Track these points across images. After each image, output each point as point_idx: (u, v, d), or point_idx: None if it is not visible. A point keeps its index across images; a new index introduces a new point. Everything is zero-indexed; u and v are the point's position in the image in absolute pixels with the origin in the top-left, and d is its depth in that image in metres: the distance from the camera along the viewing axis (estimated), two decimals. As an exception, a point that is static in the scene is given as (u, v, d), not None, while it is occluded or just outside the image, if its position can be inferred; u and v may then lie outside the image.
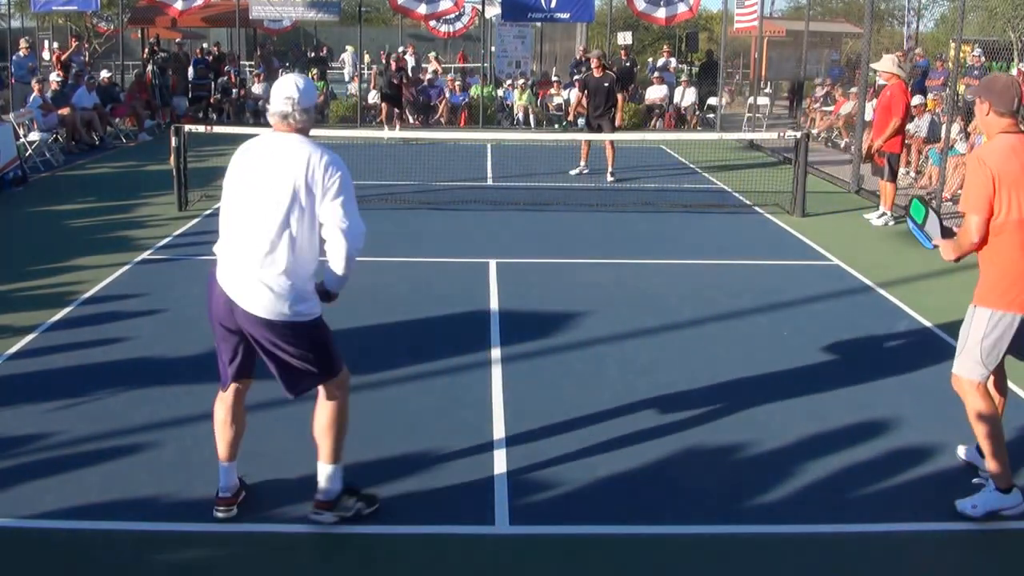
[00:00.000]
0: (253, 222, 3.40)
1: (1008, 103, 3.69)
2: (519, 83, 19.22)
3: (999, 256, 3.68)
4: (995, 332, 3.71)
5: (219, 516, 3.65)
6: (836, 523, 3.72)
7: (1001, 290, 3.69)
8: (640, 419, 4.65)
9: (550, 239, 8.66)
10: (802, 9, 21.87)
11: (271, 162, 3.41)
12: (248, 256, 3.40)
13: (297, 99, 3.42)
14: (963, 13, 10.98)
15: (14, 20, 23.76)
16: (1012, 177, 3.59)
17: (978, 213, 3.64)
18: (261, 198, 3.38)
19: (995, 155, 3.63)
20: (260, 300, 3.39)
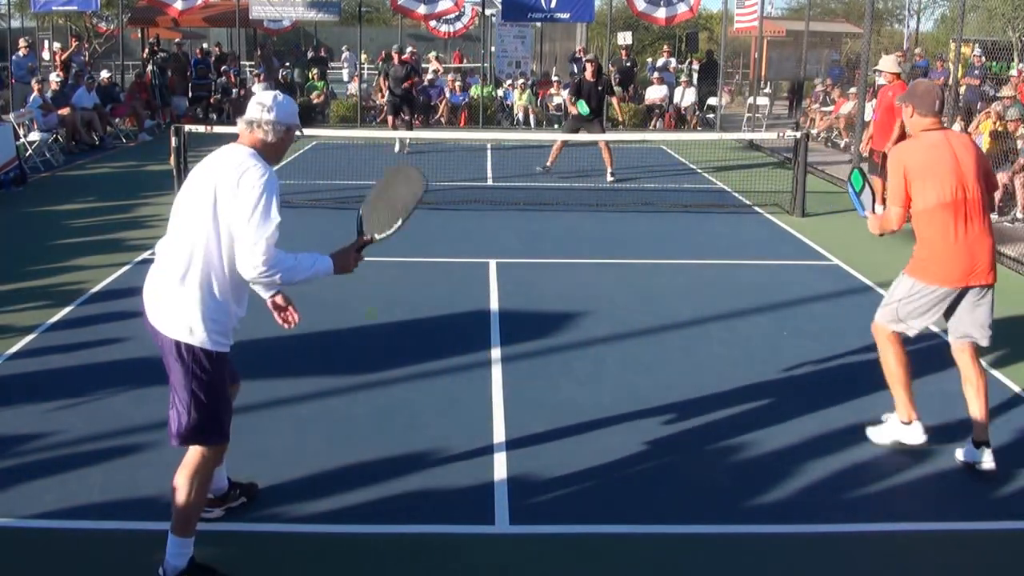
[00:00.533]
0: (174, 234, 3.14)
1: (929, 106, 4.21)
2: (519, 83, 19.22)
3: (923, 237, 4.24)
4: (913, 296, 4.28)
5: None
6: (836, 523, 3.72)
7: (919, 264, 4.28)
8: (640, 419, 4.65)
9: (550, 239, 8.66)
10: (802, 9, 21.88)
11: (206, 170, 3.15)
12: (166, 270, 3.13)
13: (270, 107, 3.18)
14: (963, 13, 10.98)
15: (14, 20, 23.75)
16: (925, 170, 4.11)
17: (896, 204, 4.22)
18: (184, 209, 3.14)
19: (910, 152, 4.20)
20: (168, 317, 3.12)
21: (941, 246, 4.17)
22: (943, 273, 4.19)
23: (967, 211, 4.13)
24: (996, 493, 3.99)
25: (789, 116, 19.52)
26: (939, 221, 4.14)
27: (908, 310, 4.31)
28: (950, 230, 4.13)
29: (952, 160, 4.13)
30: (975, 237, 4.15)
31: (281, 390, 4.93)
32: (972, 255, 4.16)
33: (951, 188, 4.09)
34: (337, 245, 3.50)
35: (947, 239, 4.14)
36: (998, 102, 11.17)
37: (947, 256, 4.17)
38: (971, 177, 4.13)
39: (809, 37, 16.42)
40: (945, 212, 4.12)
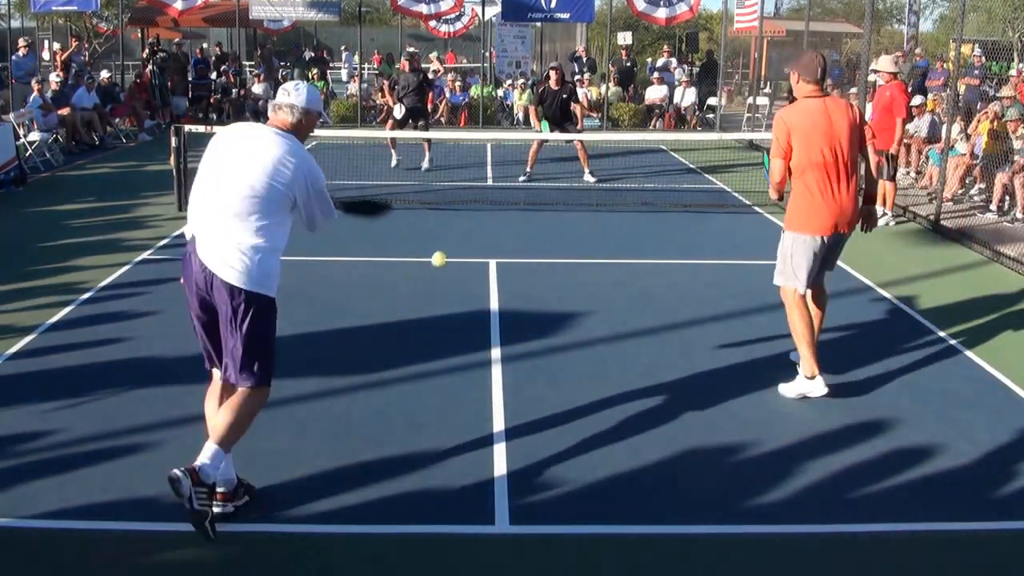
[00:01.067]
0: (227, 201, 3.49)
1: (812, 73, 4.75)
2: (519, 83, 19.23)
3: (798, 191, 4.77)
4: (797, 249, 4.80)
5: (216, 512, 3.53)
6: (836, 523, 3.72)
7: (799, 218, 4.80)
8: (640, 419, 4.66)
9: (550, 239, 8.66)
10: (802, 9, 21.88)
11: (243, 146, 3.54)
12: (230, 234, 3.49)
13: (293, 92, 3.62)
14: (963, 13, 10.97)
15: (14, 20, 23.75)
16: (804, 130, 4.68)
17: (778, 157, 4.76)
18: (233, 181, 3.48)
19: (793, 113, 4.75)
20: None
21: (814, 199, 4.74)
22: (818, 223, 4.76)
23: (838, 168, 4.71)
24: (996, 493, 3.99)
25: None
26: (813, 176, 4.71)
27: (798, 262, 4.82)
28: (823, 184, 4.71)
29: (827, 123, 4.69)
30: (844, 191, 4.74)
31: (281, 390, 4.92)
32: (841, 206, 4.74)
33: (824, 147, 4.67)
34: (335, 245, 3.48)
35: (820, 192, 4.72)
36: (996, 102, 11.18)
37: (820, 207, 4.74)
38: (843, 139, 4.70)
39: (809, 37, 16.41)
40: (818, 168, 4.69)
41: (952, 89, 10.11)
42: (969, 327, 6.15)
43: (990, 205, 9.99)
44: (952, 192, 10.57)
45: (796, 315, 4.84)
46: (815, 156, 4.68)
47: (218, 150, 3.58)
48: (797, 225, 4.81)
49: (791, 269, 4.85)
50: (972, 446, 4.39)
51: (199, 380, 5.00)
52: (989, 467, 4.21)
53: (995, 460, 4.27)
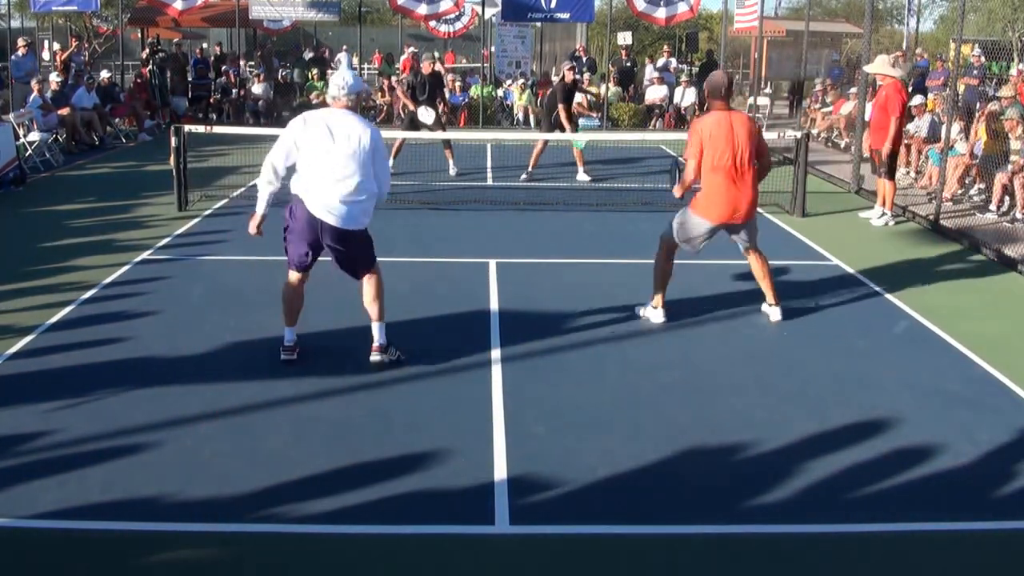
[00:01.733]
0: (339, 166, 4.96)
1: (716, 92, 5.88)
2: (519, 83, 19.23)
3: (705, 185, 5.87)
4: (690, 225, 5.96)
5: (283, 359, 5.26)
6: (836, 523, 3.72)
7: (702, 205, 5.89)
8: (640, 419, 4.66)
9: (550, 239, 8.66)
10: (802, 9, 21.88)
11: (338, 125, 4.97)
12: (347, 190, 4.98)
13: (343, 86, 4.99)
14: (963, 13, 10.97)
15: (14, 20, 23.76)
16: (712, 138, 5.73)
17: (692, 159, 5.81)
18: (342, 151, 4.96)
19: (705, 123, 5.81)
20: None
21: (714, 193, 5.81)
22: (715, 213, 5.85)
23: (736, 171, 5.75)
24: (996, 493, 3.99)
25: (790, 116, 19.52)
26: (715, 176, 5.77)
27: (685, 232, 6.00)
28: (722, 183, 5.76)
29: (729, 132, 5.73)
30: (740, 190, 5.79)
31: (280, 390, 4.93)
32: (735, 203, 5.81)
33: (727, 152, 5.72)
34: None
35: (719, 189, 5.79)
36: (994, 102, 11.18)
37: (716, 200, 5.82)
38: (742, 146, 5.74)
39: (809, 37, 16.41)
40: (722, 169, 5.74)
41: (952, 89, 10.10)
42: (969, 327, 6.15)
43: (990, 205, 9.99)
44: (952, 192, 10.57)
45: (661, 260, 6.13)
46: (720, 159, 5.72)
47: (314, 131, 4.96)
48: (699, 210, 5.91)
49: (677, 230, 6.01)
50: (972, 446, 4.39)
51: (199, 380, 5.03)
52: (989, 467, 4.21)
53: (995, 460, 4.27)
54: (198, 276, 7.18)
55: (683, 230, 5.98)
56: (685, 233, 5.98)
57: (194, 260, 7.65)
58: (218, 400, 4.78)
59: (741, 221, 5.90)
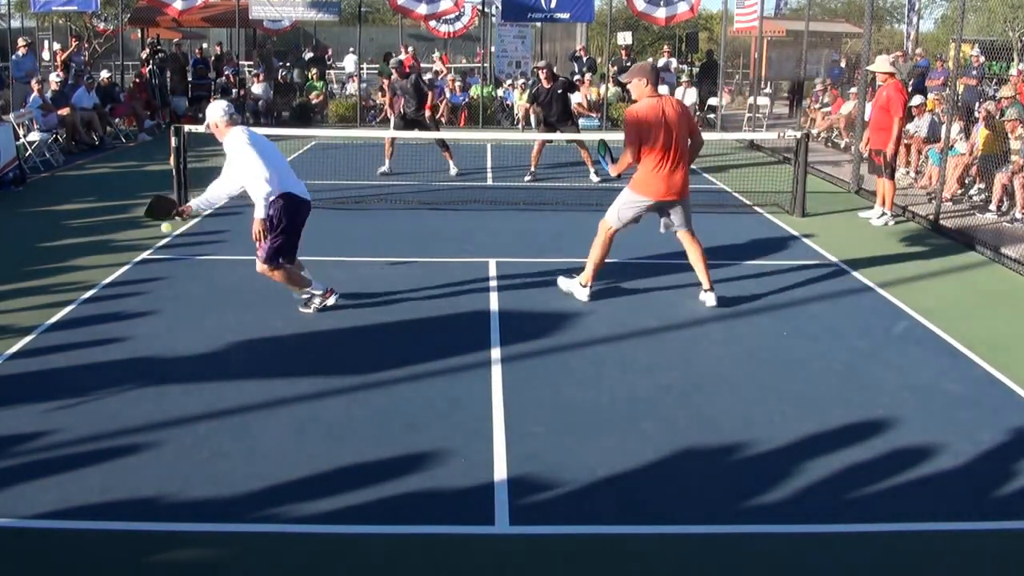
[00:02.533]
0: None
1: (651, 80, 6.25)
2: (519, 83, 19.22)
3: (642, 167, 6.30)
4: (630, 204, 6.43)
5: (334, 303, 6.23)
6: (836, 523, 3.72)
7: (639, 184, 6.35)
8: (640, 419, 4.66)
9: (550, 239, 8.66)
10: (802, 9, 21.88)
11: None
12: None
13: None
14: (963, 13, 10.97)
15: (14, 20, 23.75)
16: (646, 123, 6.15)
17: (631, 145, 6.23)
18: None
19: (640, 110, 6.19)
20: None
21: (650, 172, 6.24)
22: (651, 191, 6.30)
23: (671, 152, 6.20)
24: (996, 493, 3.99)
25: (790, 116, 19.52)
26: (651, 156, 6.19)
27: (626, 212, 6.44)
28: (657, 163, 6.20)
29: (661, 116, 6.14)
30: (673, 169, 6.26)
31: (280, 390, 4.94)
32: (669, 181, 6.27)
33: (660, 135, 6.14)
34: (335, 245, 3.48)
35: (654, 168, 6.22)
36: (990, 102, 11.18)
37: (653, 179, 6.26)
38: (675, 129, 6.16)
39: (809, 37, 16.40)
40: (655, 151, 6.17)
41: (952, 89, 10.10)
42: (969, 327, 6.15)
43: (989, 205, 9.99)
44: (951, 192, 10.57)
45: (601, 243, 6.52)
46: (655, 142, 6.15)
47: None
48: (636, 187, 6.37)
49: (617, 213, 6.45)
50: (972, 446, 4.39)
51: (199, 380, 5.03)
52: (989, 467, 4.21)
53: (995, 460, 4.27)
54: (198, 276, 7.18)
55: (623, 211, 6.42)
56: (626, 214, 6.42)
57: (194, 260, 7.65)
58: (218, 400, 4.78)
59: (677, 197, 6.34)
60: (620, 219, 6.44)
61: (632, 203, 6.39)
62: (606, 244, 6.52)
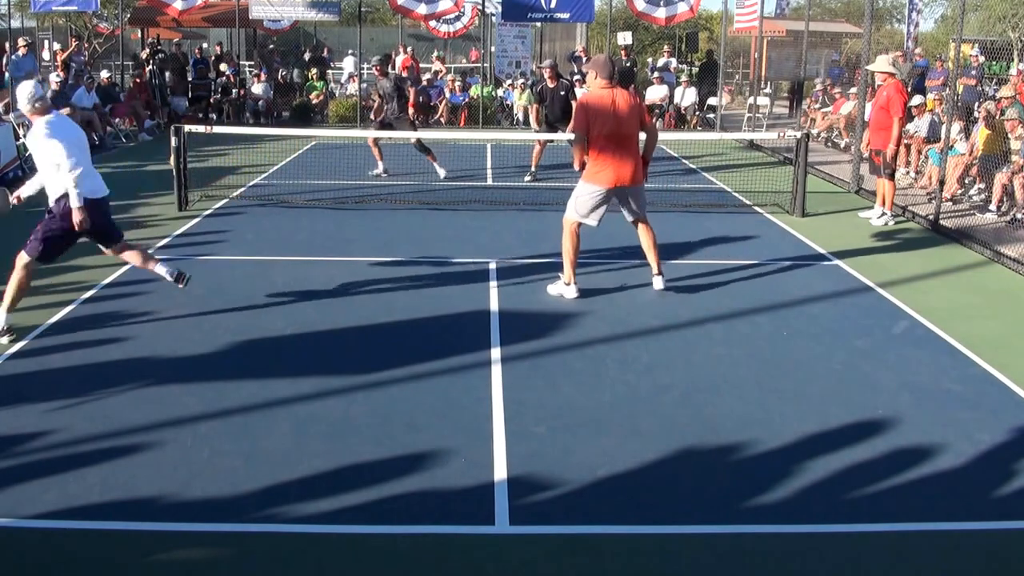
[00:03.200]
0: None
1: (606, 72, 6.40)
2: (519, 83, 19.22)
3: (592, 157, 6.43)
4: (585, 196, 6.54)
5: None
6: (836, 523, 3.72)
7: (591, 173, 6.47)
8: (640, 419, 4.66)
9: (550, 239, 8.64)
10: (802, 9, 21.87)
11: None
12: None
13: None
14: (963, 13, 10.97)
15: (14, 20, 23.75)
16: (596, 112, 6.30)
17: (580, 131, 6.40)
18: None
19: (591, 99, 6.38)
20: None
21: (602, 162, 6.37)
22: (604, 178, 6.41)
23: (620, 139, 6.33)
24: (996, 493, 3.99)
25: (790, 116, 19.52)
26: (602, 145, 6.34)
27: (583, 204, 6.55)
28: (610, 151, 6.34)
29: (611, 105, 6.31)
30: (622, 157, 6.36)
31: (280, 390, 4.94)
32: (621, 167, 6.38)
33: (612, 124, 6.29)
34: (335, 245, 3.48)
35: (607, 156, 6.36)
36: (989, 102, 11.17)
37: (606, 167, 6.38)
38: (624, 118, 6.32)
39: (809, 37, 16.39)
40: (607, 139, 6.32)
41: (952, 89, 10.10)
42: (968, 327, 6.15)
43: (989, 205, 9.99)
44: (951, 192, 10.57)
45: (568, 239, 6.65)
46: (605, 130, 6.29)
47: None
48: (588, 178, 6.48)
49: (575, 206, 6.59)
50: (972, 446, 4.39)
51: (199, 380, 5.03)
52: (989, 467, 4.21)
53: (995, 460, 4.27)
54: (198, 276, 7.16)
55: (580, 203, 6.54)
56: (583, 206, 6.53)
57: (194, 260, 7.65)
58: (218, 400, 4.78)
59: (629, 184, 6.43)
60: (578, 212, 6.56)
61: (587, 194, 6.50)
62: (573, 237, 6.62)
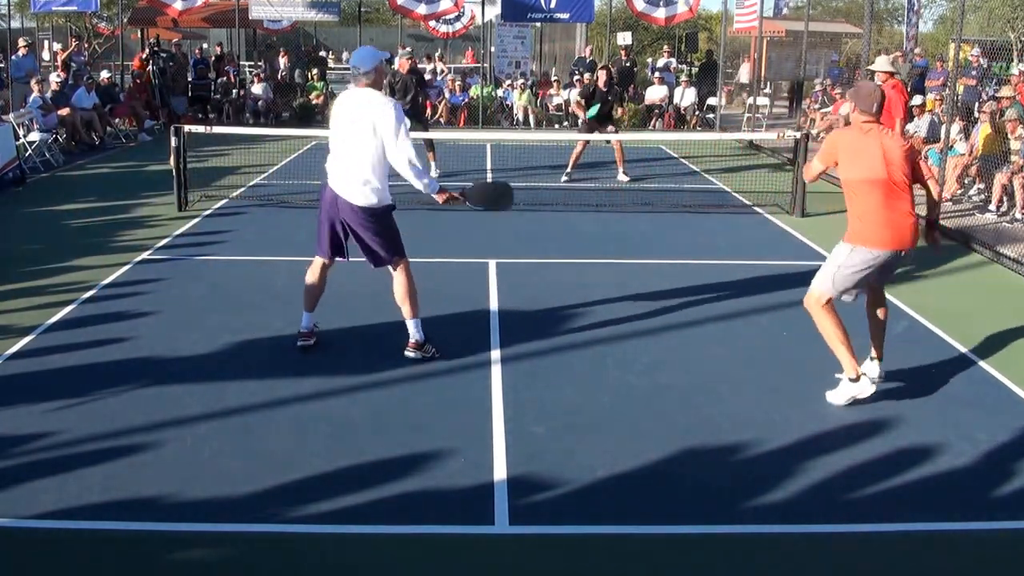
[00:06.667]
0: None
1: (866, 105, 4.73)
2: (519, 83, 19.22)
3: (856, 209, 4.83)
4: (854, 265, 4.80)
5: (299, 345, 5.44)
6: (836, 523, 3.72)
7: (861, 232, 4.81)
8: (640, 419, 4.66)
9: (550, 239, 8.66)
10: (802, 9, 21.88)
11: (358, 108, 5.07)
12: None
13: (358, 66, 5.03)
14: (963, 13, 10.98)
15: (14, 20, 23.76)
16: (852, 153, 4.76)
17: (821, 162, 5.00)
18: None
19: (846, 138, 4.87)
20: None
21: (877, 216, 4.76)
22: (885, 238, 4.76)
23: (890, 189, 4.70)
24: (996, 493, 3.99)
25: (789, 116, 19.52)
26: (867, 194, 4.76)
27: (850, 279, 4.85)
28: (881, 203, 4.73)
29: (875, 148, 4.69)
30: (901, 210, 4.74)
31: (280, 390, 4.94)
32: (902, 223, 4.75)
33: (876, 169, 4.68)
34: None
35: (880, 211, 4.74)
36: (991, 102, 11.17)
37: (884, 224, 4.75)
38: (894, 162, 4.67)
39: (809, 37, 16.41)
40: (872, 186, 4.72)
41: (951, 89, 10.10)
42: (968, 327, 6.15)
43: (989, 205, 9.99)
44: (951, 192, 10.57)
45: (829, 320, 4.93)
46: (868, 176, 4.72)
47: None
48: (860, 238, 4.83)
49: (833, 279, 4.88)
50: (972, 446, 4.39)
51: (199, 380, 5.03)
52: (989, 467, 4.21)
53: (995, 460, 4.28)
54: (198, 276, 7.18)
55: (844, 275, 4.83)
56: (848, 279, 4.83)
57: (194, 260, 7.65)
58: (218, 400, 4.78)
59: (910, 246, 4.83)
60: (837, 285, 4.87)
61: (858, 264, 4.80)
62: (832, 315, 4.91)
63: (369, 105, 4.98)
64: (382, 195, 5.12)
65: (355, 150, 5.02)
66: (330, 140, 5.20)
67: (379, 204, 5.12)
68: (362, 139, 4.98)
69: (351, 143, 5.03)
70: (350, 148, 5.04)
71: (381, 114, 4.94)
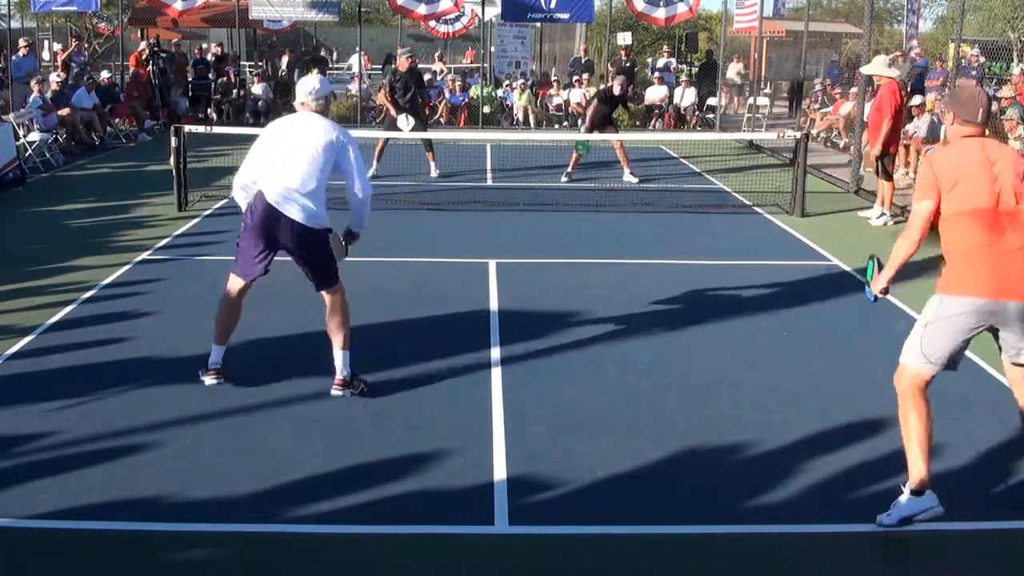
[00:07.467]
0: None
1: (970, 114, 3.73)
2: (519, 83, 19.22)
3: (951, 245, 3.69)
4: (944, 318, 3.65)
5: (208, 383, 4.83)
6: (836, 523, 3.72)
7: (951, 278, 3.67)
8: (640, 419, 4.66)
9: (550, 239, 8.66)
10: (802, 9, 21.89)
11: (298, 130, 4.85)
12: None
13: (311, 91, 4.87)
14: (963, 13, 10.98)
15: (14, 20, 23.76)
16: (955, 176, 3.65)
17: (922, 198, 3.74)
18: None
19: (947, 158, 3.74)
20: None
21: (971, 256, 3.62)
22: (978, 285, 3.59)
23: (999, 220, 3.59)
24: (996, 493, 3.99)
25: (789, 116, 19.52)
26: (967, 228, 3.63)
27: (942, 341, 3.69)
28: (983, 239, 3.59)
29: (984, 167, 3.63)
30: (1012, 247, 3.56)
31: (280, 390, 4.94)
32: (1011, 265, 3.57)
33: (984, 195, 3.60)
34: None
35: (978, 249, 3.59)
36: (992, 102, 11.18)
37: (980, 266, 3.60)
38: (1006, 185, 3.60)
39: (809, 37, 16.41)
40: (975, 219, 3.61)
41: (951, 89, 10.10)
42: (969, 327, 6.15)
43: (989, 205, 9.97)
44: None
45: (916, 409, 3.75)
46: (974, 204, 3.61)
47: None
48: (949, 287, 3.68)
49: (921, 344, 3.76)
50: (972, 446, 4.39)
51: (198, 380, 5.02)
52: (989, 467, 4.22)
53: (995, 460, 4.28)
54: (198, 276, 7.18)
55: (933, 336, 3.69)
56: (939, 341, 3.68)
57: (194, 260, 7.65)
58: (218, 400, 4.77)
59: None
60: (927, 354, 3.72)
61: (946, 317, 3.65)
62: (919, 403, 3.75)
63: (326, 133, 4.76)
64: (325, 217, 4.87)
65: (303, 169, 4.70)
66: (266, 157, 4.78)
67: (324, 225, 4.86)
68: (310, 160, 4.71)
69: (299, 161, 4.70)
70: (297, 166, 4.70)
71: (343, 146, 4.79)
